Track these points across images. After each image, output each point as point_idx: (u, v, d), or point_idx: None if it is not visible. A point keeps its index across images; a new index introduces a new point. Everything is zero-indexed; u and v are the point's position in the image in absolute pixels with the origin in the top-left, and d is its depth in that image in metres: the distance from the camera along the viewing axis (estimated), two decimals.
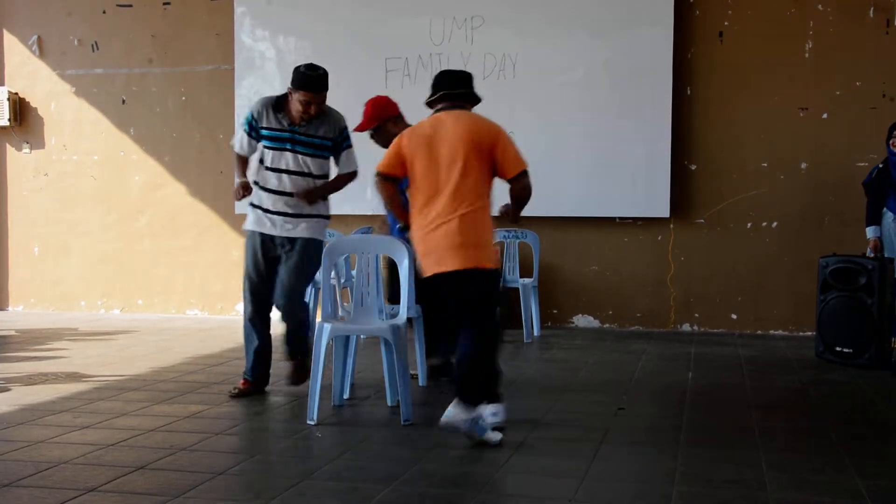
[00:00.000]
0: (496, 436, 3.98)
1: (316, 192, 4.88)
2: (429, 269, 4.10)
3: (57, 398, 4.88)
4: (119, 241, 8.80)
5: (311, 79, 4.70)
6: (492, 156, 4.10)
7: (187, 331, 7.64)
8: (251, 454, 3.86)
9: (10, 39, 8.93)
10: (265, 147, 4.85)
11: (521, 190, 4.18)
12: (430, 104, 4.33)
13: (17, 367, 5.84)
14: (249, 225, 4.93)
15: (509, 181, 4.17)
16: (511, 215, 4.32)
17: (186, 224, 8.67)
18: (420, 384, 5.25)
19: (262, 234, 4.88)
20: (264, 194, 4.85)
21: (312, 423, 4.32)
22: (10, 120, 8.76)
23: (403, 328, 4.53)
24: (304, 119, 4.79)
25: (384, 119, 5.22)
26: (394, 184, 4.25)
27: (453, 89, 4.26)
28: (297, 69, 4.76)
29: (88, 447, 3.90)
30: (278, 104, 4.84)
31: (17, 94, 8.86)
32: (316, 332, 4.49)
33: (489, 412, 3.99)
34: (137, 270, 8.75)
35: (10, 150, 8.99)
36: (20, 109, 8.88)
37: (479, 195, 4.09)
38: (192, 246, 8.65)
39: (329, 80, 4.81)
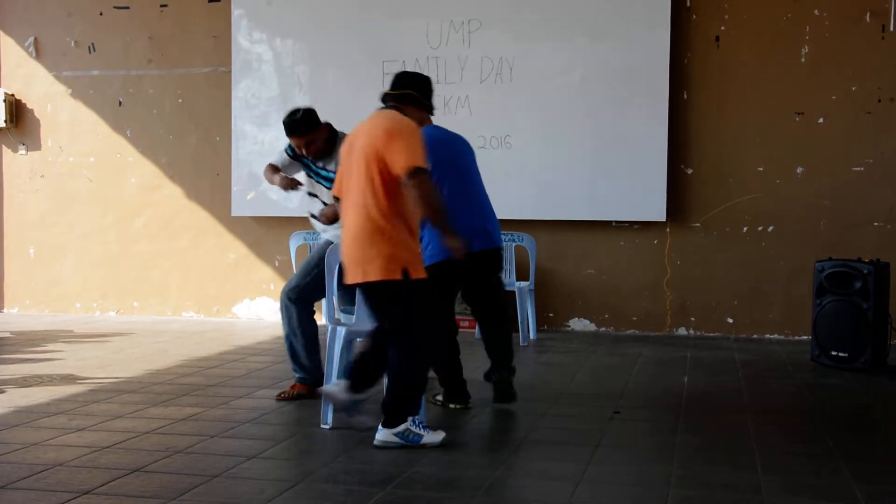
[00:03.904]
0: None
1: (331, 212, 4.97)
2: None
3: (52, 400, 4.87)
4: (115, 242, 8.79)
5: (288, 125, 4.89)
6: (384, 155, 3.79)
7: (183, 333, 7.63)
8: (247, 457, 3.86)
9: (6, 41, 8.92)
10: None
11: (413, 194, 3.76)
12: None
13: (13, 369, 5.82)
14: None
15: (405, 182, 3.78)
16: (446, 240, 3.98)
17: (183, 226, 8.66)
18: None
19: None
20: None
21: (327, 427, 4.32)
22: (6, 121, 8.74)
23: None
24: (319, 153, 4.98)
25: None
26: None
27: (392, 89, 4.18)
28: (284, 119, 4.96)
29: (84, 449, 3.90)
30: None
31: (13, 95, 8.85)
32: (329, 335, 4.49)
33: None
34: (133, 272, 8.74)
35: (7, 152, 8.98)
36: (16, 111, 8.87)
37: (379, 199, 3.82)
38: (188, 248, 8.64)
39: (317, 115, 4.95)
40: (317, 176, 5.05)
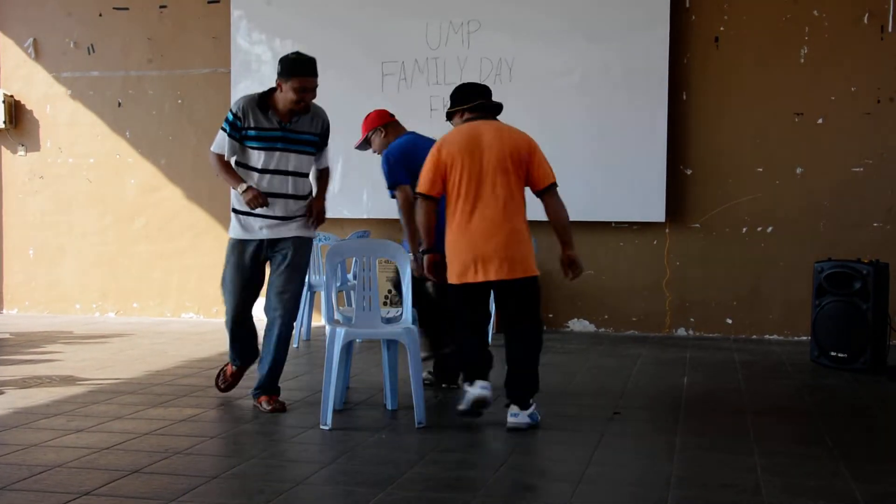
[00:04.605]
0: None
1: (323, 207, 4.83)
2: (471, 275, 4.27)
3: (51, 401, 4.86)
4: (114, 243, 8.79)
5: (305, 63, 4.55)
6: (527, 166, 4.35)
7: (182, 334, 7.62)
8: (246, 458, 3.85)
9: (5, 42, 8.92)
10: (252, 148, 4.61)
11: (555, 204, 4.43)
12: (455, 113, 4.54)
13: (12, 371, 5.82)
14: (237, 233, 4.68)
15: (539, 194, 4.42)
16: (565, 261, 4.50)
17: (182, 227, 8.67)
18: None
19: (250, 241, 4.66)
20: None
21: (326, 427, 4.31)
22: (5, 122, 8.74)
23: (416, 331, 4.56)
24: (297, 112, 4.61)
25: (368, 132, 5.40)
26: (435, 203, 4.37)
27: (489, 100, 4.51)
28: (285, 58, 4.57)
29: (83, 451, 3.89)
30: (263, 102, 4.61)
31: (12, 96, 8.85)
32: (328, 337, 4.49)
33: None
34: (133, 273, 8.74)
35: (6, 153, 8.98)
36: (16, 112, 8.87)
37: (521, 204, 4.38)
38: (187, 249, 8.64)
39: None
40: (293, 143, 4.63)
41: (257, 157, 4.61)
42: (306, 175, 4.76)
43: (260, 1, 8.26)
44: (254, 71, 8.28)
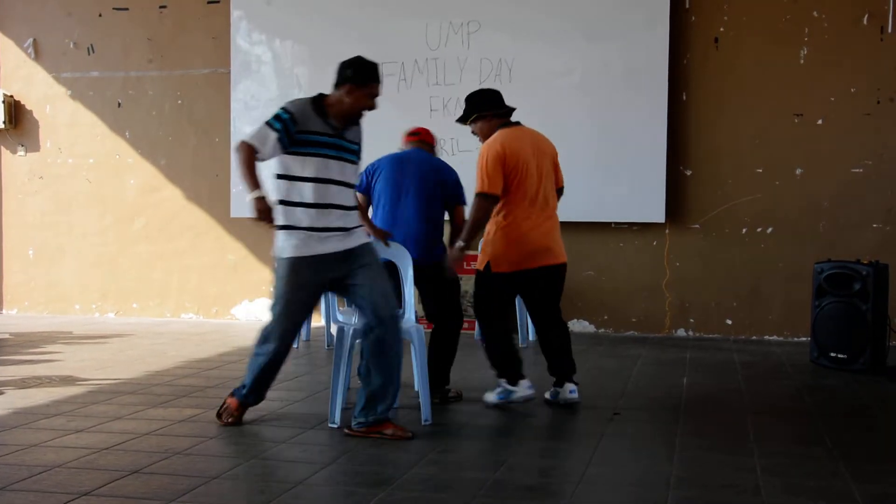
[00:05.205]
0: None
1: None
2: (534, 263, 4.68)
3: (51, 402, 4.86)
4: (114, 244, 8.79)
5: (377, 68, 4.14)
6: (554, 168, 4.88)
7: (182, 334, 7.62)
8: (246, 458, 3.86)
9: (5, 42, 8.92)
10: (307, 154, 4.09)
11: (557, 198, 4.95)
12: (483, 117, 4.78)
13: (12, 371, 5.82)
14: (294, 251, 4.10)
15: (558, 192, 4.96)
16: None
17: (182, 227, 8.66)
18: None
19: (312, 258, 4.11)
20: (313, 211, 4.10)
21: (335, 426, 4.31)
22: (5, 122, 8.74)
23: (423, 329, 4.61)
24: (353, 120, 4.23)
25: None
26: (496, 203, 4.68)
27: (507, 107, 4.87)
28: (359, 63, 4.12)
29: (82, 451, 3.89)
30: (319, 107, 4.13)
31: (12, 96, 8.84)
32: (336, 336, 4.49)
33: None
34: (132, 274, 8.74)
35: (6, 153, 8.98)
36: (15, 112, 8.87)
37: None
38: (187, 249, 8.64)
39: None
40: (347, 152, 4.20)
41: (313, 166, 4.10)
42: (354, 186, 4.36)
43: (260, 1, 8.27)
44: (254, 71, 8.28)
